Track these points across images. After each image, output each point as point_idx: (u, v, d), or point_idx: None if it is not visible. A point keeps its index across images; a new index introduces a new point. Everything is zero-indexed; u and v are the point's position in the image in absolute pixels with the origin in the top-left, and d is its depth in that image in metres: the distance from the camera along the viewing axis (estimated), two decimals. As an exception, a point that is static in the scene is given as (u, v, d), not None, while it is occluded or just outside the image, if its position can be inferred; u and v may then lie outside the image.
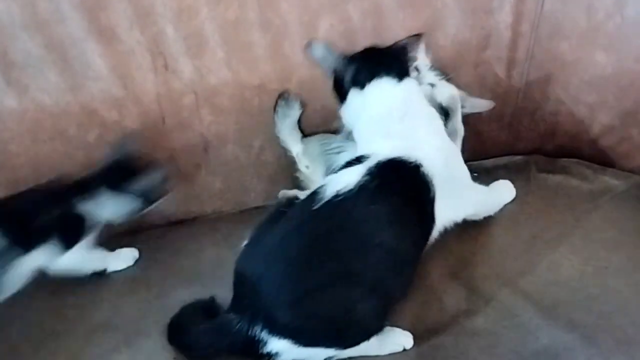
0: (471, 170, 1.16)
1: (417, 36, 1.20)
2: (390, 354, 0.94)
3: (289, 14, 1.32)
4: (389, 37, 1.19)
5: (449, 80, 1.36)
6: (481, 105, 1.36)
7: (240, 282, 0.92)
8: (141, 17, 1.23)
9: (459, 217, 1.09)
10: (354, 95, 1.11)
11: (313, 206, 0.91)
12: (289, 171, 1.43)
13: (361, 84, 1.10)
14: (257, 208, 1.44)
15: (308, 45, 1.17)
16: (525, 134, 1.44)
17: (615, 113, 1.36)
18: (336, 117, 1.20)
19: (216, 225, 1.36)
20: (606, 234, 1.16)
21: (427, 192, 0.98)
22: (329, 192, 0.92)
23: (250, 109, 1.39)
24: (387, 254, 0.90)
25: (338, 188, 0.92)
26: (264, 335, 0.86)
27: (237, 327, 0.87)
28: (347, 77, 1.11)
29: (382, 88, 1.09)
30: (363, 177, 0.93)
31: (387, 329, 0.95)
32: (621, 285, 1.01)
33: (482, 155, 1.51)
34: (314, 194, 0.94)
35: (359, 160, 1.00)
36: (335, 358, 0.91)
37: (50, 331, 1.02)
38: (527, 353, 0.90)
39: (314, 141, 1.38)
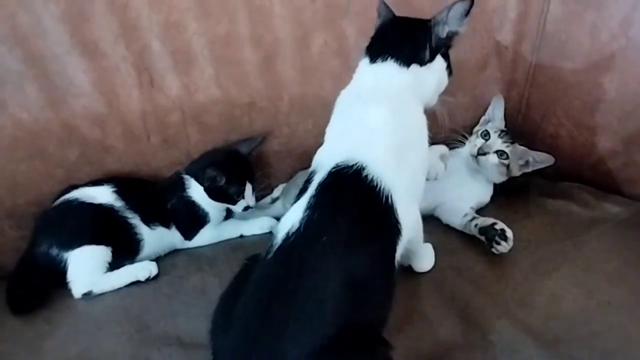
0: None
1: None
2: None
3: (281, 30, 1.28)
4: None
5: (518, 144, 1.33)
6: (542, 159, 1.33)
7: None
8: (126, 31, 1.19)
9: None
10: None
11: (267, 257, 0.86)
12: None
13: (371, 58, 1.02)
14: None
15: None
16: (525, 155, 1.40)
17: (619, 137, 1.32)
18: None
19: (201, 249, 1.31)
20: (609, 265, 1.11)
21: (378, 198, 0.87)
22: (280, 237, 0.86)
23: (240, 127, 1.36)
24: (355, 282, 0.81)
25: (287, 230, 0.85)
26: None
27: None
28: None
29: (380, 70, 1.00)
30: (305, 210, 0.86)
31: None
32: (625, 322, 0.97)
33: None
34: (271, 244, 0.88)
35: (308, 181, 0.92)
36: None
37: (23, 364, 0.97)
38: (528, 394, 0.86)
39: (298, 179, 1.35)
